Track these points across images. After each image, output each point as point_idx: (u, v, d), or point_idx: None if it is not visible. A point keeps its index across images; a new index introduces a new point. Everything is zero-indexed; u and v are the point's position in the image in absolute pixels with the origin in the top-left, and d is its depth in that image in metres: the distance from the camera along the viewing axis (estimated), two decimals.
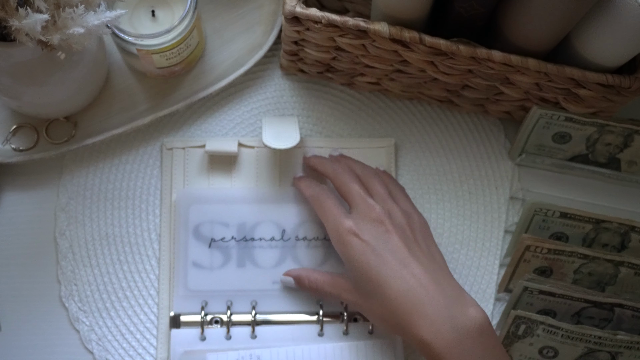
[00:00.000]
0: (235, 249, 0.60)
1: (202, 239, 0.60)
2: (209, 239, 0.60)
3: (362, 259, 0.53)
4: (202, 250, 0.60)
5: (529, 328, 0.57)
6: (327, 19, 0.55)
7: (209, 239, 0.60)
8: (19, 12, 0.47)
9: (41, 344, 0.59)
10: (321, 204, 0.57)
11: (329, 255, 0.60)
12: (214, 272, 0.60)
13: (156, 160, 0.63)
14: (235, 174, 0.63)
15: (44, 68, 0.54)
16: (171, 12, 0.59)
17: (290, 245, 0.60)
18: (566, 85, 0.57)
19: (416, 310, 0.50)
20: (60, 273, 0.60)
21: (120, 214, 0.62)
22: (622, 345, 0.57)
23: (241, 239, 0.60)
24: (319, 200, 0.57)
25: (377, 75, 0.62)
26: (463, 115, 0.66)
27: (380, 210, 0.54)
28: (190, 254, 0.60)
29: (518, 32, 0.55)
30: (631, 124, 0.61)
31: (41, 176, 0.62)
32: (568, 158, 0.63)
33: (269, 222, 0.61)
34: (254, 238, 0.60)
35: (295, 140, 0.59)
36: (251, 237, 0.60)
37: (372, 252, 0.52)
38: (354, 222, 0.54)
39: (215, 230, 0.60)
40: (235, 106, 0.65)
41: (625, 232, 0.61)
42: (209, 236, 0.60)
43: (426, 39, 0.55)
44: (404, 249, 0.52)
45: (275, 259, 0.60)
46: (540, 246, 0.59)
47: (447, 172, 0.65)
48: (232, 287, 0.59)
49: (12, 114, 0.62)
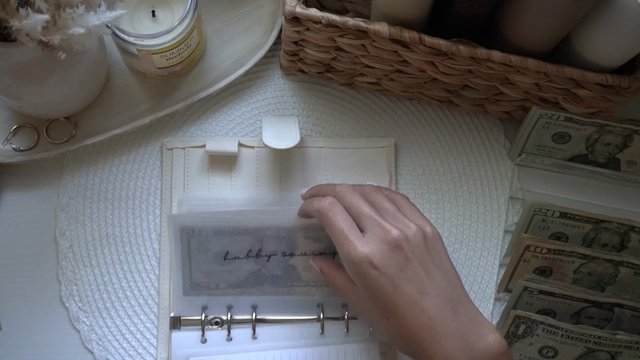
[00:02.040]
0: (238, 258, 0.60)
1: (203, 247, 0.59)
2: (210, 246, 0.59)
3: (379, 290, 0.49)
4: (203, 256, 0.59)
5: (528, 328, 0.57)
6: (327, 19, 0.55)
7: (210, 246, 0.59)
8: (19, 13, 0.47)
9: (41, 343, 0.59)
10: (331, 221, 0.52)
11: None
12: (214, 275, 0.59)
13: (156, 160, 0.63)
14: (235, 174, 0.63)
15: (44, 68, 0.54)
16: (171, 13, 0.59)
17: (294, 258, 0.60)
18: (566, 85, 0.57)
19: (432, 341, 0.48)
20: (61, 273, 0.60)
21: (121, 214, 0.62)
22: (622, 345, 0.57)
23: (247, 252, 0.59)
24: (327, 217, 0.52)
25: (377, 75, 0.62)
26: (463, 115, 0.66)
27: (397, 234, 0.50)
28: (190, 259, 0.59)
29: (518, 32, 0.55)
30: (631, 124, 0.61)
31: (41, 176, 0.63)
32: (568, 158, 0.63)
33: (272, 234, 0.59)
34: (259, 251, 0.60)
35: (295, 140, 0.59)
36: (256, 248, 0.60)
37: (390, 284, 0.49)
38: (370, 250, 0.49)
39: (216, 238, 0.59)
40: (235, 106, 0.65)
41: (624, 232, 0.61)
42: (210, 243, 0.59)
43: (426, 39, 0.55)
44: (423, 276, 0.50)
45: (280, 270, 0.60)
46: (540, 246, 0.59)
47: (447, 172, 0.65)
48: (232, 288, 0.59)
49: (13, 114, 0.63)
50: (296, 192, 0.62)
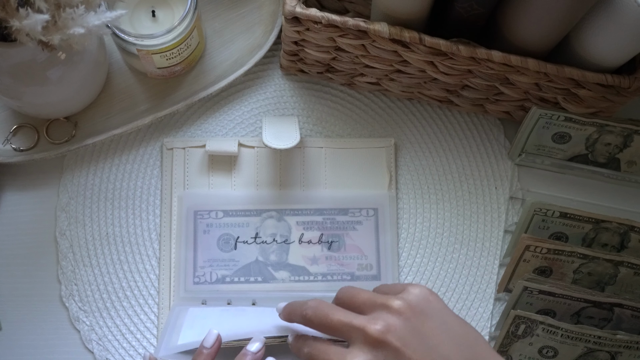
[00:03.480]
0: (238, 250, 0.60)
1: (205, 242, 0.60)
2: (212, 241, 0.60)
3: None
4: (205, 253, 0.60)
5: (528, 328, 0.57)
6: (327, 19, 0.55)
7: (212, 241, 0.60)
8: (19, 13, 0.47)
9: (41, 343, 0.59)
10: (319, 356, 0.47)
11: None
12: (214, 274, 0.60)
13: (156, 160, 0.63)
14: (235, 174, 0.63)
15: (44, 68, 0.54)
16: (171, 13, 0.59)
17: (293, 246, 0.61)
18: (566, 85, 0.57)
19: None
20: (61, 273, 0.60)
21: (121, 214, 0.62)
22: (622, 345, 0.57)
23: (244, 241, 0.61)
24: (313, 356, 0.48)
25: (377, 75, 0.62)
26: (463, 115, 0.66)
27: (376, 328, 0.44)
28: (194, 255, 0.60)
29: (518, 32, 0.55)
30: (631, 124, 0.61)
31: (41, 176, 0.63)
32: (568, 158, 0.63)
33: (272, 223, 0.61)
34: (257, 238, 0.61)
35: (295, 140, 0.59)
36: (254, 238, 0.61)
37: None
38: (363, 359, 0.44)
39: (217, 233, 0.60)
40: (235, 106, 0.65)
41: (624, 232, 0.61)
42: (212, 239, 0.60)
43: (426, 39, 0.55)
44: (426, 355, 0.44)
45: (279, 258, 0.60)
46: (539, 246, 0.59)
47: (447, 172, 0.65)
48: (232, 288, 0.59)
49: (13, 114, 0.63)
50: (296, 191, 0.62)
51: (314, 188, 0.62)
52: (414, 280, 0.62)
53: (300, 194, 0.62)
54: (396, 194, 0.63)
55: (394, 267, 0.61)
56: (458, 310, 0.62)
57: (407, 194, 0.64)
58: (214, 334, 0.52)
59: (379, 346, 0.44)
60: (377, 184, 0.63)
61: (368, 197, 0.62)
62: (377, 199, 0.62)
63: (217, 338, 0.52)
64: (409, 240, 0.63)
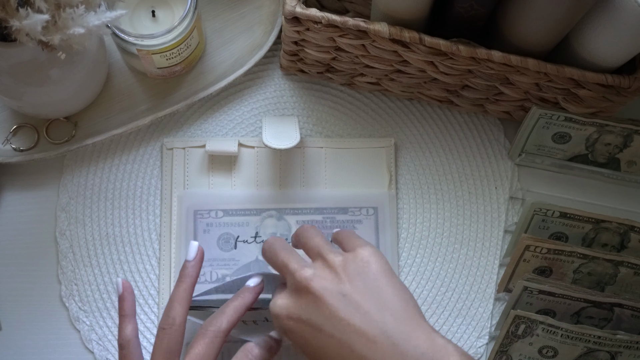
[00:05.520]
0: (238, 250, 0.60)
1: (205, 241, 0.60)
2: (212, 241, 0.60)
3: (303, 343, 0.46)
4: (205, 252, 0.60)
5: (528, 328, 0.57)
6: (327, 19, 0.55)
7: (212, 241, 0.60)
8: (19, 13, 0.47)
9: (41, 343, 0.59)
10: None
11: None
12: (214, 273, 0.60)
13: (156, 160, 0.63)
14: (235, 174, 0.63)
15: (44, 68, 0.54)
16: (171, 12, 0.59)
17: None
18: (566, 85, 0.57)
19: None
20: (61, 273, 0.60)
21: (121, 214, 0.62)
22: (622, 345, 0.57)
23: (244, 241, 0.61)
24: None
25: (377, 75, 0.62)
26: (463, 115, 0.66)
27: (304, 275, 0.46)
28: None
29: (518, 32, 0.55)
30: (631, 124, 0.61)
31: (41, 176, 0.63)
32: (568, 158, 0.63)
33: (272, 223, 0.61)
34: (257, 237, 0.61)
35: (295, 140, 0.59)
36: (254, 237, 0.61)
37: (310, 334, 0.45)
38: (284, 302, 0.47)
39: (217, 232, 0.60)
40: (235, 106, 0.65)
41: (624, 232, 0.61)
42: (212, 238, 0.60)
43: (426, 39, 0.55)
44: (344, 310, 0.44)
45: None
46: (539, 246, 0.59)
47: (447, 172, 0.65)
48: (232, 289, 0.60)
49: (13, 114, 0.63)
50: (296, 191, 0.62)
51: (314, 188, 0.62)
52: (414, 280, 0.62)
53: (300, 193, 0.62)
54: (396, 194, 0.63)
55: (393, 266, 0.61)
56: (458, 310, 0.62)
57: (407, 194, 0.64)
58: (194, 245, 0.53)
59: (302, 292, 0.46)
60: (377, 184, 0.63)
61: (368, 195, 0.62)
62: (376, 198, 0.62)
63: (199, 249, 0.53)
64: (409, 240, 0.63)
